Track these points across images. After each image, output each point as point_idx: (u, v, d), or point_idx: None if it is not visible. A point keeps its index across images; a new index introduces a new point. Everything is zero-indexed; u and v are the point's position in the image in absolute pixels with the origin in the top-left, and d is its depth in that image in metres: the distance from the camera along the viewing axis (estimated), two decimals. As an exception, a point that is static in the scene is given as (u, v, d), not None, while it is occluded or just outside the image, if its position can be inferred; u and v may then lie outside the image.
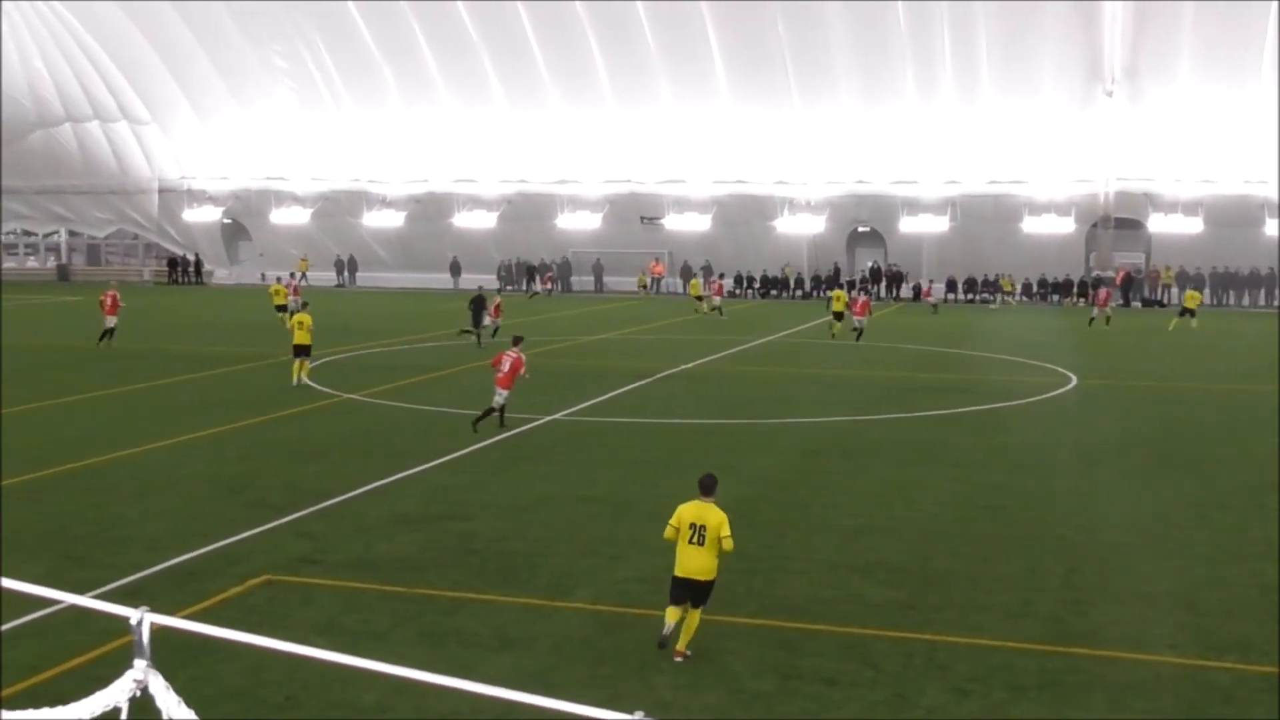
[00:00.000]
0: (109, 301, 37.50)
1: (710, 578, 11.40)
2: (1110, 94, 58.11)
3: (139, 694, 3.18)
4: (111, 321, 37.14)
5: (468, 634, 11.91)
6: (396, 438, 22.52)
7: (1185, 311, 48.07)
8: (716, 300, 52.69)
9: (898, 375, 32.33)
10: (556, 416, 24.57)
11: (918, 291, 63.97)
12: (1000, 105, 59.22)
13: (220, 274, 75.90)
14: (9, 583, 3.49)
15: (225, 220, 75.65)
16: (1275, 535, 15.79)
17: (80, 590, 12.35)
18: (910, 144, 61.60)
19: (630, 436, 22.98)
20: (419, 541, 15.26)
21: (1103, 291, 50.93)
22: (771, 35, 59.69)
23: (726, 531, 11.45)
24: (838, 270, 66.62)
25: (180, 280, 74.96)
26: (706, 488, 11.76)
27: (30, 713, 3.24)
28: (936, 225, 64.10)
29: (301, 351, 29.22)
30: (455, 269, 70.07)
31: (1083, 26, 57.22)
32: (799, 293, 66.59)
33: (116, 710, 3.19)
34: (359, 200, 71.87)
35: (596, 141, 65.35)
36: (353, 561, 14.35)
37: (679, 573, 11.43)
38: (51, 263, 79.06)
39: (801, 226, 65.94)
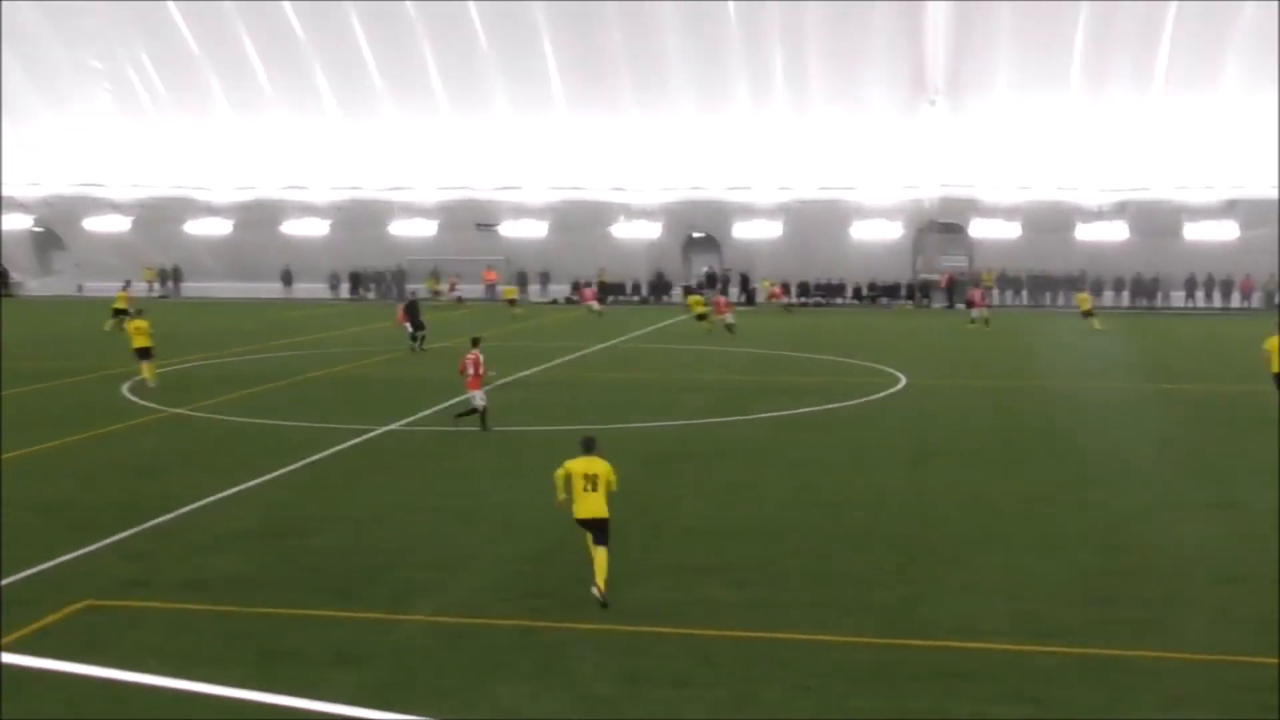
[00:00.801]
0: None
1: (606, 515, 13.38)
2: (933, 103, 60.04)
3: None
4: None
5: (307, 652, 11.61)
6: (229, 452, 21.89)
7: (1087, 314, 49.64)
8: (597, 306, 52.63)
9: (734, 379, 32.75)
10: (393, 427, 24.21)
11: (751, 296, 65.02)
12: (830, 114, 60.71)
13: (31, 285, 72.71)
14: None
15: (36, 228, 72.58)
16: (1091, 526, 16.51)
17: (-114, 621, 11.68)
18: (743, 152, 62.75)
19: (470, 446, 22.76)
20: (255, 559, 14.84)
21: (976, 293, 52.59)
22: (607, 44, 60.11)
23: (613, 477, 13.57)
24: (661, 277, 67.24)
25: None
26: (588, 445, 13.79)
27: None
28: (770, 231, 65.29)
29: (144, 354, 30.27)
30: (287, 278, 68.65)
31: (907, 39, 59.08)
32: (636, 298, 67.01)
33: None
34: (183, 207, 69.79)
35: (431, 148, 64.77)
36: (184, 583, 13.86)
37: (581, 515, 13.41)
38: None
39: (638, 232, 66.45)
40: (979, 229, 64.15)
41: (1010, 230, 63.30)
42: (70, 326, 48.17)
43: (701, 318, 47.55)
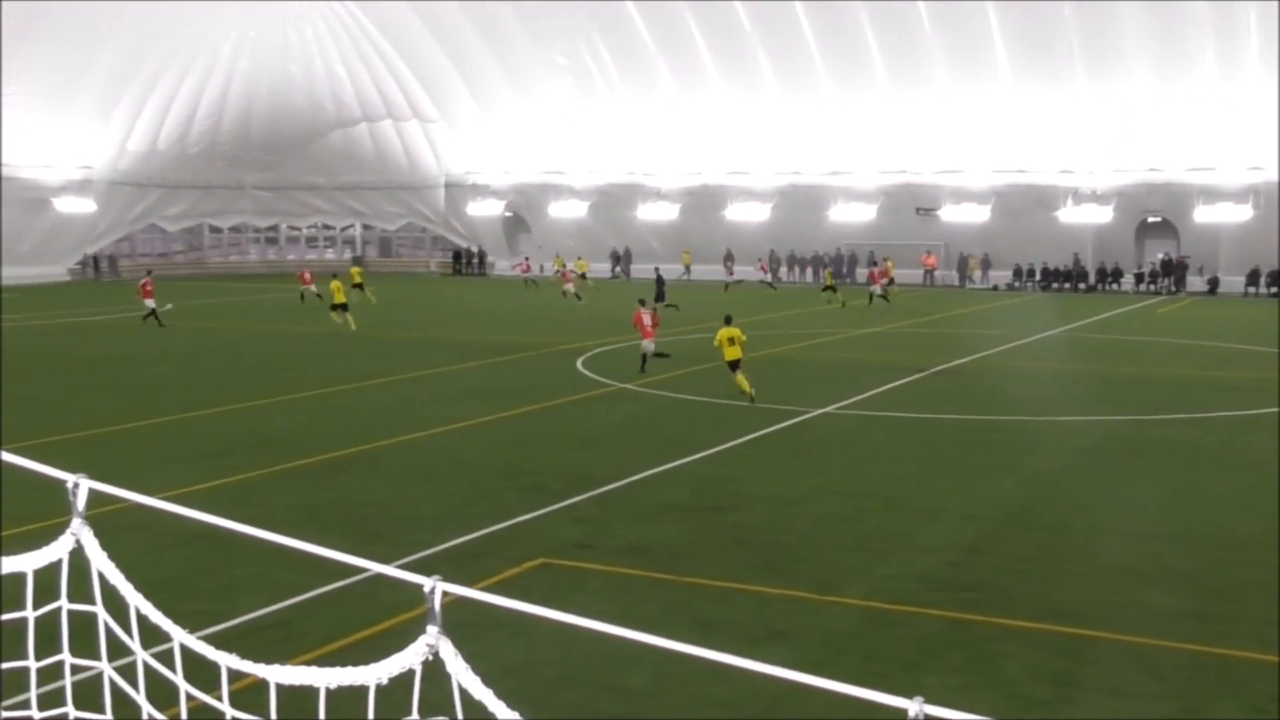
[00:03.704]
0: (147, 287, 41.50)
1: (741, 356, 25.14)
2: None
3: (431, 658, 3.41)
4: (151, 304, 40.78)
5: (737, 624, 11.96)
6: (668, 427, 22.83)
7: None
8: (876, 289, 50.82)
9: (1187, 373, 30.61)
10: (828, 410, 24.39)
11: (1214, 285, 60.36)
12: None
13: (501, 265, 78.71)
14: (322, 550, 3.81)
15: (506, 214, 78.39)
16: None
17: (372, 565, 13.08)
18: (1208, 127, 57.87)
19: (902, 431, 22.58)
20: (689, 530, 15.43)
21: None
22: (1056, 13, 57.28)
23: (743, 336, 25.42)
24: (1074, 262, 63.68)
25: (464, 271, 78.17)
26: (728, 320, 25.99)
27: (335, 669, 3.52)
28: (1237, 214, 60.16)
29: (343, 308, 39.89)
30: (729, 260, 70.46)
31: None
32: (1082, 285, 63.85)
33: (410, 672, 3.45)
34: (634, 193, 73.21)
35: (871, 131, 64.40)
36: (625, 548, 14.63)
37: (728, 358, 25.19)
38: (348, 254, 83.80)
39: (1086, 216, 63.22)
40: None
41: None
42: (531, 304, 51.67)
43: (833, 289, 50.40)
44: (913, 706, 3.08)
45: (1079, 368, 31.87)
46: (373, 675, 3.45)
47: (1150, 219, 63.43)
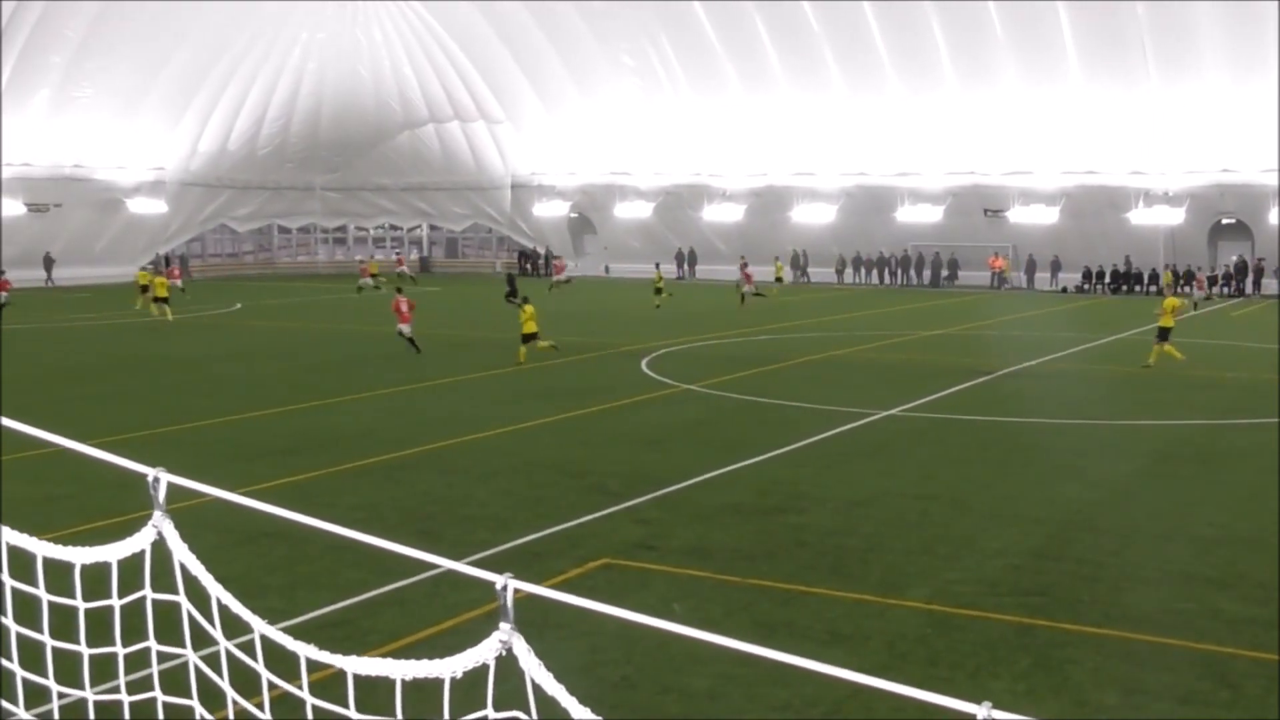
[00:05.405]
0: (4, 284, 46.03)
1: (536, 330, 30.91)
2: None
3: (504, 654, 3.45)
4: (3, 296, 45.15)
5: (799, 627, 11.91)
6: (732, 429, 22.78)
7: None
8: (749, 288, 50.64)
9: (1262, 377, 30.02)
10: (893, 412, 24.22)
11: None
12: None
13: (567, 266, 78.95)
14: (396, 547, 3.89)
15: (572, 214, 78.57)
16: None
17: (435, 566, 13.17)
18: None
19: (969, 434, 22.37)
20: (753, 532, 15.38)
21: None
22: (1128, 13, 56.36)
23: (535, 313, 31.03)
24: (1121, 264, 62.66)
25: (529, 272, 78.48)
26: (526, 299, 32.41)
27: (410, 662, 3.57)
28: (1315, 216, 58.87)
29: (163, 301, 43.41)
30: (795, 262, 70.18)
31: None
32: (1153, 289, 62.85)
33: (484, 667, 3.50)
34: (700, 194, 73.08)
35: (938, 132, 63.80)
36: (688, 549, 14.61)
37: (527, 331, 30.75)
38: (414, 255, 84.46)
39: (1157, 218, 62.20)
40: None
41: None
42: (594, 304, 51.75)
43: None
44: (980, 711, 3.03)
45: (1145, 371, 31.37)
46: (447, 669, 3.49)
47: (1224, 221, 62.34)
